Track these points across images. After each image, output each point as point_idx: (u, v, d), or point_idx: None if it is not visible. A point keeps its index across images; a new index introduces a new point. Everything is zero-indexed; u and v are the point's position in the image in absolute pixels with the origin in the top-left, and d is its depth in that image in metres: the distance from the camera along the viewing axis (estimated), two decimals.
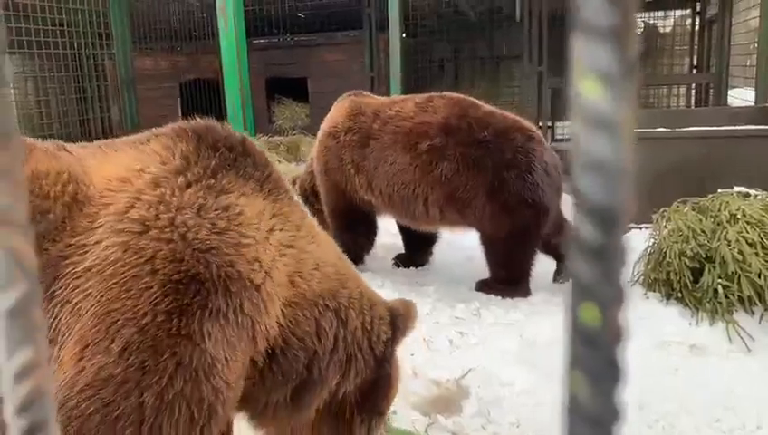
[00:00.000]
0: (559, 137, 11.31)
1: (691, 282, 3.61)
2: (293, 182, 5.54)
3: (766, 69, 7.59)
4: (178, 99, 11.20)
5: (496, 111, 4.32)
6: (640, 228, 4.36)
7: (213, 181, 1.67)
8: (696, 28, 11.76)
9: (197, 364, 1.48)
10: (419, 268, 4.91)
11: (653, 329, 3.31)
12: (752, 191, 4.10)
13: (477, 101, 4.43)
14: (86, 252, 1.52)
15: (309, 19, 12.13)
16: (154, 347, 1.45)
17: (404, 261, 4.95)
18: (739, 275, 3.40)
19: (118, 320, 1.45)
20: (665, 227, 3.98)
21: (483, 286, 4.27)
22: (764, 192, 4.04)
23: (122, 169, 1.63)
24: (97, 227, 1.54)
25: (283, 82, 11.19)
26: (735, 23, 9.44)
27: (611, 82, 0.25)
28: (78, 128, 10.21)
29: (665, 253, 3.79)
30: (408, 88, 7.38)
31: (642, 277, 3.97)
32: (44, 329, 0.38)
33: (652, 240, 4.04)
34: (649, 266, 3.92)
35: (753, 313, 3.42)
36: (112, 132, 9.55)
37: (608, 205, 0.26)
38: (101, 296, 1.47)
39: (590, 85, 0.25)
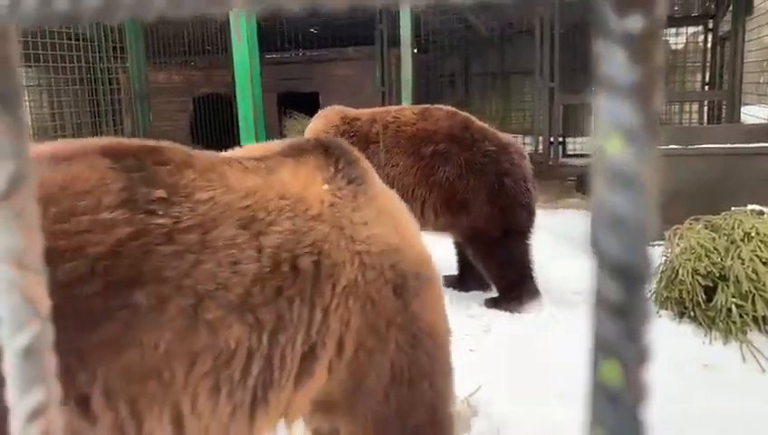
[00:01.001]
0: (570, 152, 11.29)
1: (704, 300, 3.57)
2: None
3: None
4: (191, 113, 11.28)
5: (488, 127, 4.50)
6: (653, 246, 4.32)
7: (360, 190, 1.77)
8: (709, 45, 11.73)
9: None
10: None
11: (665, 348, 3.27)
12: (765, 209, 4.07)
13: (470, 116, 4.60)
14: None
15: (321, 34, 12.23)
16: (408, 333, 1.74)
17: None
18: (753, 295, 3.37)
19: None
20: (677, 244, 3.95)
21: (493, 304, 4.28)
22: None
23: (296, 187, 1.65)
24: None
25: (294, 96, 11.26)
26: (748, 40, 9.41)
27: (634, 139, 0.25)
28: None
29: (677, 271, 3.76)
30: (418, 103, 7.39)
31: (654, 295, 3.94)
32: (54, 371, 0.38)
33: (665, 258, 4.01)
34: (662, 284, 3.89)
35: (767, 332, 3.38)
36: None
37: (630, 262, 0.26)
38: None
39: (612, 142, 0.25)
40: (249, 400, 1.45)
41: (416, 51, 8.49)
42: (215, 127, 11.45)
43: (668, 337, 3.45)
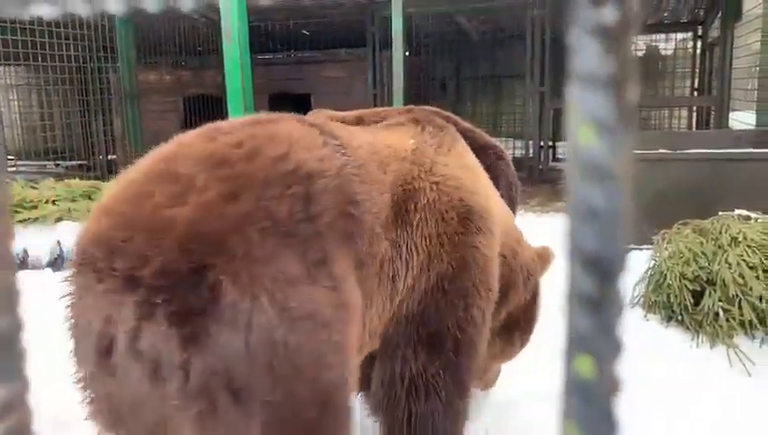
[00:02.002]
0: (560, 156, 11.33)
1: (691, 304, 3.59)
2: None
3: (766, 93, 7.62)
4: (182, 113, 11.23)
5: (474, 128, 4.49)
6: (641, 249, 4.35)
7: (450, 145, 2.37)
8: (698, 51, 11.82)
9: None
10: None
11: (653, 351, 3.28)
12: (753, 214, 4.10)
13: (453, 116, 4.60)
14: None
15: (313, 36, 12.22)
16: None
17: None
18: (740, 299, 3.39)
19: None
20: (665, 248, 3.97)
21: None
22: (765, 215, 4.04)
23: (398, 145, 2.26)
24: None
25: (286, 97, 11.24)
26: (737, 46, 9.49)
27: (608, 131, 0.25)
28: (80, 140, 10.25)
29: (665, 275, 3.78)
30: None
31: (642, 299, 3.96)
32: (26, 362, 0.37)
33: (653, 262, 4.03)
34: (650, 288, 3.91)
35: (753, 337, 3.41)
36: (114, 145, 9.58)
37: (604, 255, 0.25)
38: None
39: (585, 133, 0.25)
40: (390, 287, 2.04)
41: (407, 53, 8.50)
42: None
43: (655, 341, 3.46)
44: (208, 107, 11.38)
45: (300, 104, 11.04)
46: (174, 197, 1.56)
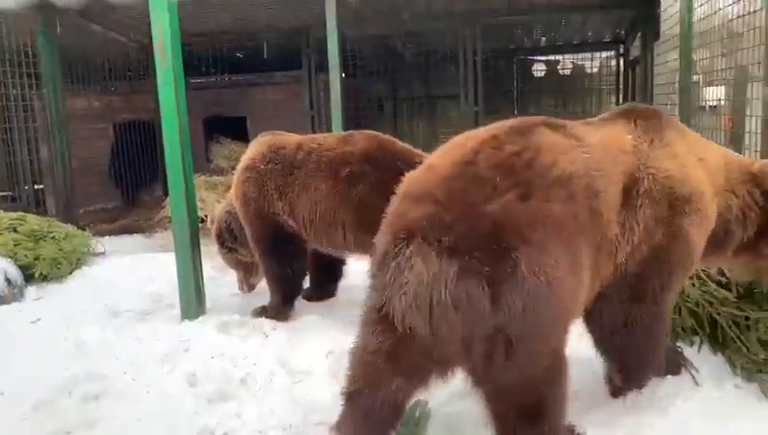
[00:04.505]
0: None
1: None
2: (212, 222, 5.46)
3: (687, 107, 8.00)
4: (112, 139, 10.87)
5: (410, 148, 4.48)
6: None
7: (661, 141, 2.78)
8: (621, 68, 12.34)
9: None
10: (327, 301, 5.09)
11: (595, 362, 3.33)
12: None
13: (393, 139, 4.59)
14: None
15: (247, 59, 12.10)
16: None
17: (310, 296, 5.04)
18: (680, 307, 3.50)
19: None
20: None
21: None
22: None
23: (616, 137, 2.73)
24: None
25: (221, 121, 11.05)
26: (657, 64, 9.96)
27: None
28: (4, 170, 9.76)
29: None
30: (348, 127, 7.40)
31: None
32: None
33: None
34: None
35: (692, 342, 3.52)
36: (41, 175, 9.16)
37: None
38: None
39: None
40: (613, 260, 2.60)
41: (344, 75, 8.52)
42: (137, 154, 11.07)
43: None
44: (140, 132, 11.06)
45: (234, 128, 10.86)
46: (485, 196, 2.19)
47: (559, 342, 2.34)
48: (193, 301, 4.68)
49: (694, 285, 3.55)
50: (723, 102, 8.31)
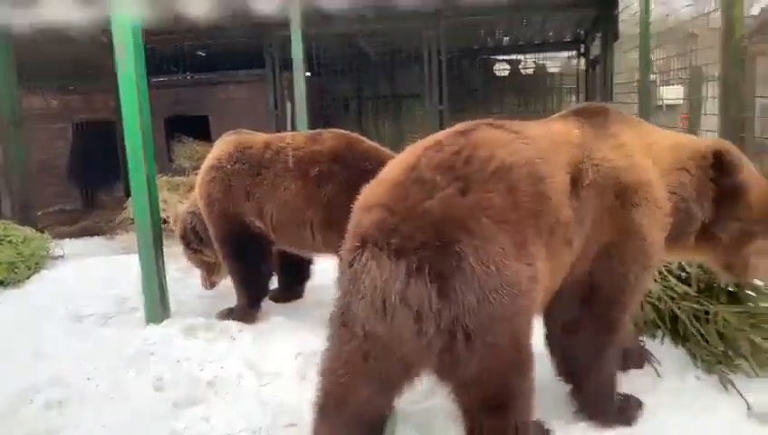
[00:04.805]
0: None
1: None
2: (174, 222, 5.38)
3: (646, 105, 8.19)
4: (71, 140, 10.63)
5: (378, 147, 4.47)
6: None
7: (605, 131, 2.77)
8: (582, 68, 12.56)
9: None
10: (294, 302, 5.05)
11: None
12: None
13: (361, 137, 4.57)
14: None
15: (210, 57, 11.94)
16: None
17: (277, 297, 4.99)
18: (642, 302, 3.58)
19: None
20: None
21: None
22: None
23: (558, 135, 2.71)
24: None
25: (182, 120, 10.90)
26: (617, 63, 10.16)
27: None
28: None
29: None
30: (313, 126, 7.37)
31: None
32: None
33: None
34: None
35: (654, 336, 3.60)
36: None
37: None
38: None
39: None
40: (569, 249, 2.53)
41: (308, 74, 8.48)
42: (97, 154, 10.84)
43: None
44: (100, 132, 10.83)
45: (196, 127, 10.72)
46: (425, 194, 2.23)
47: (520, 333, 2.33)
48: (157, 304, 4.60)
49: (655, 280, 3.63)
50: (679, 101, 8.52)
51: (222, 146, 4.69)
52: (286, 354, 3.84)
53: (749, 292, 3.53)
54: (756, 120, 6.37)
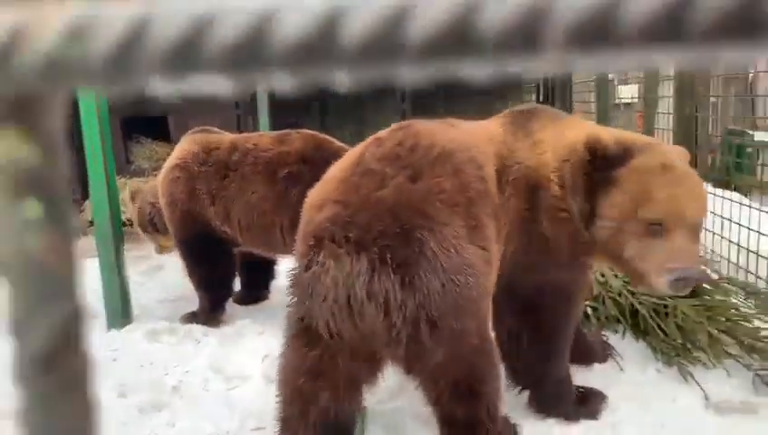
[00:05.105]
0: None
1: None
2: (132, 200, 5.20)
3: (604, 103, 8.36)
4: None
5: (346, 148, 4.46)
6: None
7: (525, 131, 2.71)
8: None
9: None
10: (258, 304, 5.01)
11: None
12: None
13: (330, 138, 4.56)
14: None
15: None
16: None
17: (241, 299, 4.94)
18: (603, 297, 3.65)
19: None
20: None
21: None
22: None
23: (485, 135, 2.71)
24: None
25: (140, 120, 10.67)
26: None
27: None
28: None
29: None
30: (275, 126, 7.31)
31: None
32: None
33: None
34: None
35: (616, 331, 3.68)
36: None
37: None
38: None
39: None
40: (500, 238, 2.49)
41: None
42: None
43: None
44: None
45: (155, 128, 10.51)
46: (376, 184, 2.19)
47: (483, 317, 2.33)
48: (119, 308, 4.50)
49: (616, 276, 3.71)
50: (635, 100, 8.71)
51: (188, 145, 4.59)
52: (253, 357, 3.80)
53: (706, 285, 3.63)
54: (710, 118, 6.56)
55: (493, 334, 2.72)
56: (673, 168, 2.53)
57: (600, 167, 2.56)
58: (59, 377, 0.34)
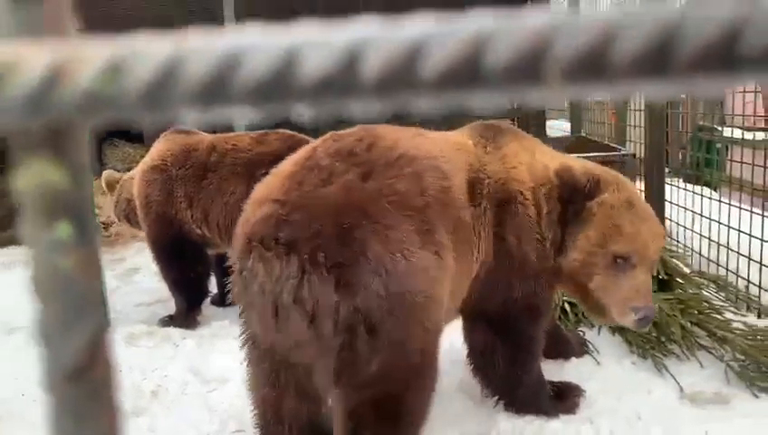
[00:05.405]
0: None
1: None
2: (110, 188, 5.08)
3: (578, 103, 8.47)
4: None
5: None
6: None
7: (494, 145, 2.67)
8: None
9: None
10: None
11: None
12: None
13: (308, 138, 4.55)
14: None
15: None
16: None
17: (218, 301, 4.90)
18: None
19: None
20: None
21: None
22: None
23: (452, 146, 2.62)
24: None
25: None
26: None
27: None
28: None
29: None
30: (252, 126, 7.26)
31: None
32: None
33: None
34: None
35: (593, 325, 3.75)
36: None
37: None
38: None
39: None
40: (473, 252, 2.43)
41: None
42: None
43: None
44: None
45: (129, 129, 10.39)
46: (321, 180, 2.04)
47: (428, 331, 2.09)
48: None
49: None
50: (608, 98, 8.83)
51: (166, 145, 4.53)
52: (231, 359, 3.77)
53: (678, 279, 3.71)
54: (680, 114, 6.70)
55: (465, 349, 2.80)
56: (636, 204, 2.64)
57: (573, 199, 2.61)
58: (88, 386, 0.35)
